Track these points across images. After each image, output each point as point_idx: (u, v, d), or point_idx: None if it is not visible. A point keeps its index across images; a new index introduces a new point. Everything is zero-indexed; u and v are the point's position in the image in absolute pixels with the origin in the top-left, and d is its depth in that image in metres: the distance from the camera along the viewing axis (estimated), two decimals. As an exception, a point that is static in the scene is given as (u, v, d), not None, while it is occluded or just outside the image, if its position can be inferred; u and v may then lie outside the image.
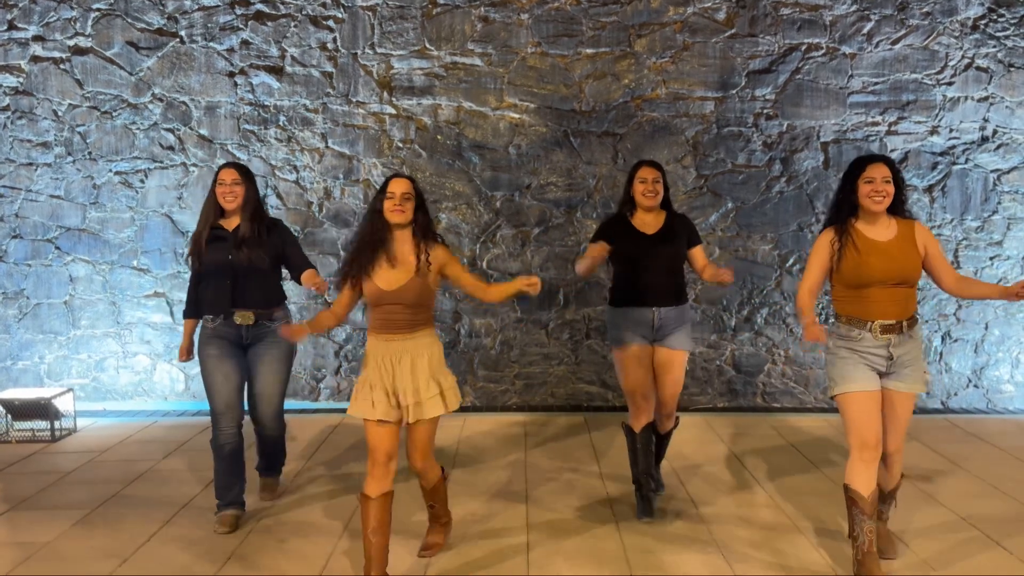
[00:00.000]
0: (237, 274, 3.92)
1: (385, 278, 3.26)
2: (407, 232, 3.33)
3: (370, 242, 3.30)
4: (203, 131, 5.92)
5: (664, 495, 4.24)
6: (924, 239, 3.36)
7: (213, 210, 3.97)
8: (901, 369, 3.32)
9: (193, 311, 4.10)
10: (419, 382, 3.26)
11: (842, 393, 3.31)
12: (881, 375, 3.33)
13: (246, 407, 4.07)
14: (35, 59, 5.89)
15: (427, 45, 5.85)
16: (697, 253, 4.14)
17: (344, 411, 5.81)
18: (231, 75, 5.89)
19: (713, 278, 4.06)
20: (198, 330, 4.08)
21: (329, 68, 5.87)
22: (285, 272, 4.13)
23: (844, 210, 3.37)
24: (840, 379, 3.32)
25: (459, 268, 3.41)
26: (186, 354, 4.15)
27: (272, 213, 5.81)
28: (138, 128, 5.92)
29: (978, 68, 5.83)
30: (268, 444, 4.22)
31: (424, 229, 3.35)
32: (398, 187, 3.32)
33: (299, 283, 3.97)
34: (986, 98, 5.85)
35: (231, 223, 3.97)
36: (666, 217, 4.11)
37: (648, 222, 4.07)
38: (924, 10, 5.79)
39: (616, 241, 3.99)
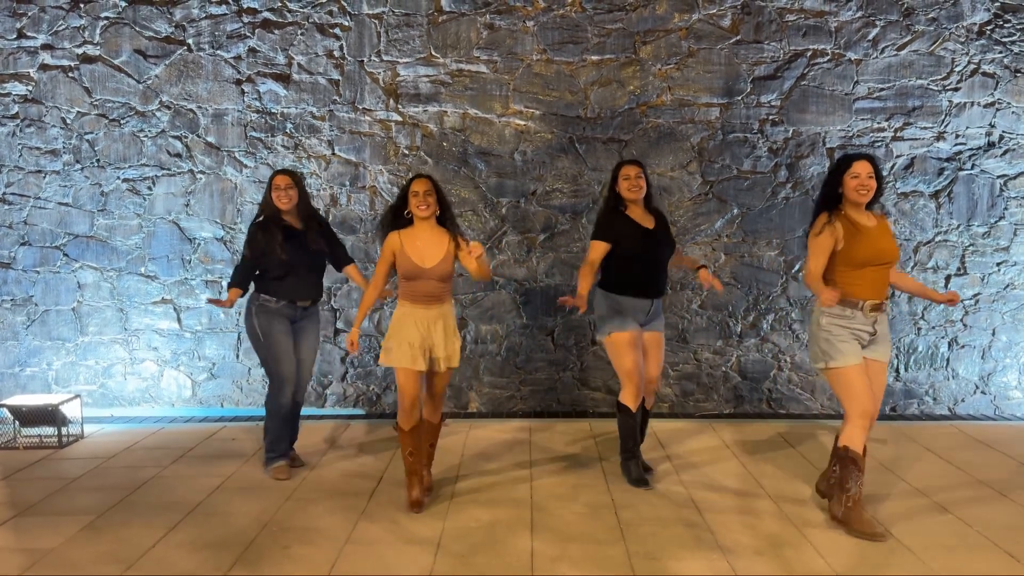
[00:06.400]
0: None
1: (420, 257, 4.02)
2: (432, 221, 4.10)
3: (394, 229, 4.08)
4: (210, 138, 5.95)
5: (669, 502, 4.23)
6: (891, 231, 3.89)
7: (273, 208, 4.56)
8: (878, 342, 3.82)
9: (242, 284, 4.57)
10: (448, 340, 4.11)
11: (843, 367, 3.71)
12: (862, 347, 3.79)
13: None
14: (44, 67, 5.94)
15: (433, 52, 5.87)
16: (678, 249, 4.75)
17: (352, 417, 5.91)
18: (238, 82, 5.92)
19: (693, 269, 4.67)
20: (244, 301, 4.66)
21: (336, 75, 5.90)
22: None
23: (832, 200, 3.79)
24: (837, 353, 3.73)
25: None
26: (231, 304, 4.56)
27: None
28: (146, 135, 5.96)
29: (984, 74, 5.82)
30: (295, 409, 4.76)
31: (451, 220, 4.15)
32: (420, 186, 4.07)
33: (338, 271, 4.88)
34: (992, 103, 5.84)
35: (293, 221, 4.59)
36: (655, 213, 4.53)
37: (640, 216, 4.44)
38: (930, 16, 5.78)
39: (622, 237, 4.36)
